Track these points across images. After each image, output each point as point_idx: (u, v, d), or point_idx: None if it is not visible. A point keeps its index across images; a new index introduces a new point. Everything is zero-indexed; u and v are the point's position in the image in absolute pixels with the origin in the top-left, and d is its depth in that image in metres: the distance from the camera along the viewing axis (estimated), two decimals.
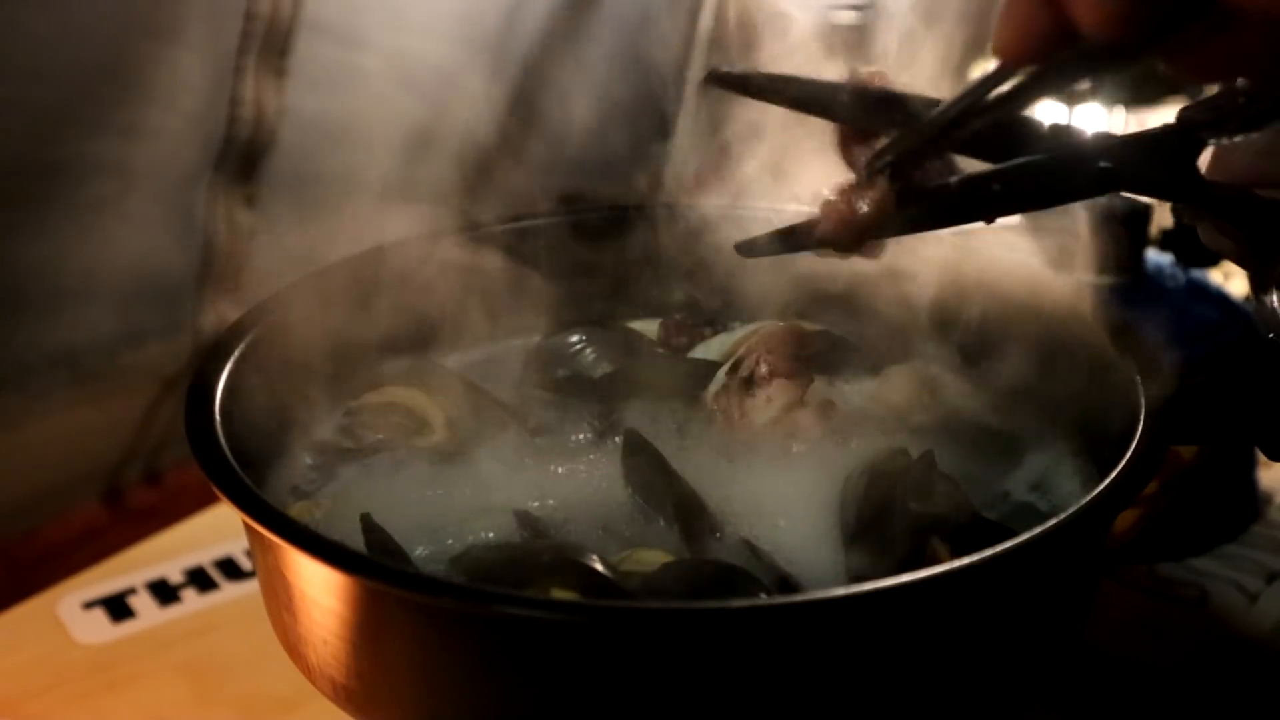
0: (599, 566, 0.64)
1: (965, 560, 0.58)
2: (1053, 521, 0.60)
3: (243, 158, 1.19)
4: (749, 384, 0.80)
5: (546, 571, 0.64)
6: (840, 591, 0.57)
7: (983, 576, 0.58)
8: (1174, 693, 0.90)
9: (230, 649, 0.96)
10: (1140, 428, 0.67)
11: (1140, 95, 1.20)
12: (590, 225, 0.91)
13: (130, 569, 1.04)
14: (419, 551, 0.70)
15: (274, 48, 1.16)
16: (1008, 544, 0.59)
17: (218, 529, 1.08)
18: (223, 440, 0.66)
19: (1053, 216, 0.95)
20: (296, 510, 0.74)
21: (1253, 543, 1.04)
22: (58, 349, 1.15)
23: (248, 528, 0.65)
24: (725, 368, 0.83)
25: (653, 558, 0.68)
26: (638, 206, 0.93)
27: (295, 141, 1.20)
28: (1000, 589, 0.62)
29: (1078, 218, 0.95)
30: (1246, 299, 1.22)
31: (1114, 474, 0.64)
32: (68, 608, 1.01)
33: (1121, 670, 0.92)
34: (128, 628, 0.99)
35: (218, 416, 0.68)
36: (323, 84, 1.21)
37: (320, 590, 0.61)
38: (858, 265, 0.84)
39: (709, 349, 0.88)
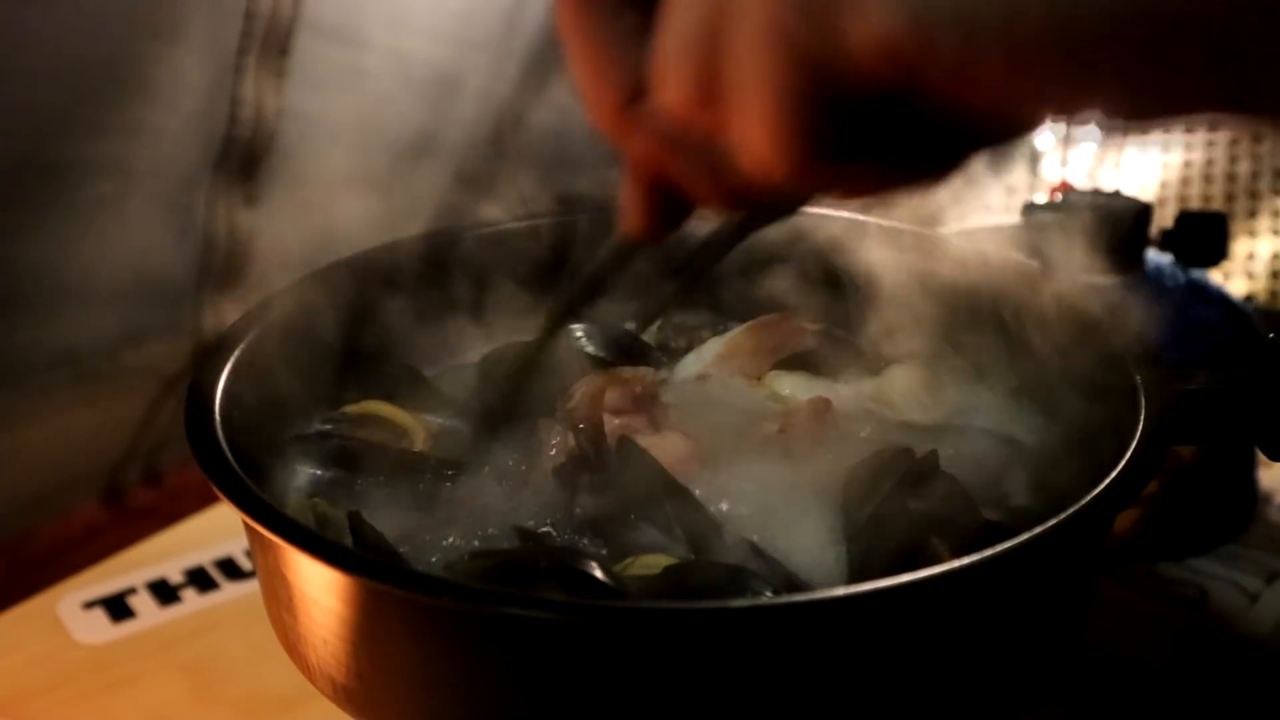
0: (598, 573, 0.64)
1: (966, 560, 0.58)
2: (1052, 521, 0.60)
3: (243, 158, 1.19)
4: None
5: (543, 577, 0.64)
6: (840, 591, 0.57)
7: (983, 576, 0.58)
8: (1174, 693, 0.90)
9: (230, 649, 0.96)
10: (1140, 428, 0.67)
11: None
12: (591, 225, 0.91)
13: (130, 569, 1.04)
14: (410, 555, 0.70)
15: (274, 48, 1.16)
16: (1008, 544, 0.59)
17: (218, 529, 1.08)
18: (222, 440, 0.66)
19: (1053, 216, 0.96)
20: (294, 509, 0.74)
21: (1253, 543, 1.04)
22: (58, 349, 1.15)
23: (247, 528, 0.65)
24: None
25: (655, 562, 0.68)
26: None
27: (295, 141, 1.20)
28: (1000, 589, 0.62)
29: (1080, 218, 0.95)
30: (1246, 299, 1.23)
31: (1114, 474, 0.64)
32: (68, 608, 1.01)
33: (1121, 670, 0.92)
34: (128, 628, 0.99)
35: (217, 416, 0.68)
36: (323, 84, 1.21)
37: (320, 590, 0.61)
38: (857, 265, 0.84)
39: (702, 353, 0.88)
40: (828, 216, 0.88)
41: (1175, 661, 0.92)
